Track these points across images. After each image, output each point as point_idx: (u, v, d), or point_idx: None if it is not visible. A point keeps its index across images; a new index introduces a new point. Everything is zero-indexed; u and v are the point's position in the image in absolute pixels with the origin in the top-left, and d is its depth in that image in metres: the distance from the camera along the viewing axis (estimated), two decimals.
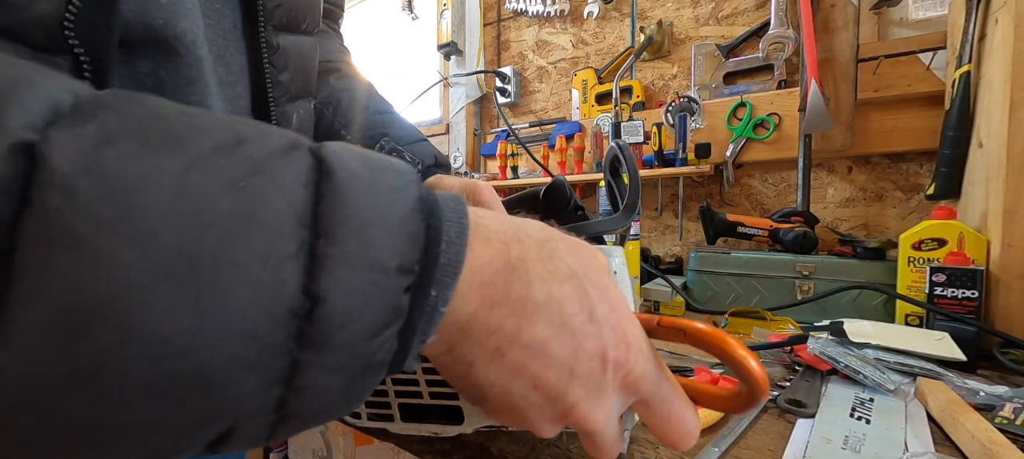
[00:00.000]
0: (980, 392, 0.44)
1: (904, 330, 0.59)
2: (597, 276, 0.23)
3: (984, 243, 0.63)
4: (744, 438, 0.39)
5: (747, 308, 0.77)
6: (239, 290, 0.14)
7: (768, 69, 1.09)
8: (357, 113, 0.52)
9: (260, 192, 0.15)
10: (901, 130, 0.93)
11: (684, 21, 1.22)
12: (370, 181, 0.17)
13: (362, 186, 0.17)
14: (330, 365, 0.16)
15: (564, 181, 0.43)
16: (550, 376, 0.21)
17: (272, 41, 0.35)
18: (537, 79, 1.49)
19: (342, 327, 0.16)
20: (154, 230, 0.13)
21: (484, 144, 1.57)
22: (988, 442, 0.34)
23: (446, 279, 0.18)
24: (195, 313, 0.14)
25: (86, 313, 0.12)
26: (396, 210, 0.17)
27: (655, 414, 0.24)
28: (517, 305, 0.20)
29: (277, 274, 0.15)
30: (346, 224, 0.16)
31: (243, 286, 0.14)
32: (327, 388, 0.17)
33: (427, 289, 0.18)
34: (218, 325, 0.14)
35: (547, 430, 0.23)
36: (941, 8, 0.87)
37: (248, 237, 0.14)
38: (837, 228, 1.03)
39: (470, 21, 1.58)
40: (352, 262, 0.16)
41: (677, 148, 1.08)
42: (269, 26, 0.35)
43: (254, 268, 0.14)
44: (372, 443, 0.59)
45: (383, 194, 0.17)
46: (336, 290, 0.16)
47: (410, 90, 1.70)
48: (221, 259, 0.14)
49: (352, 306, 0.16)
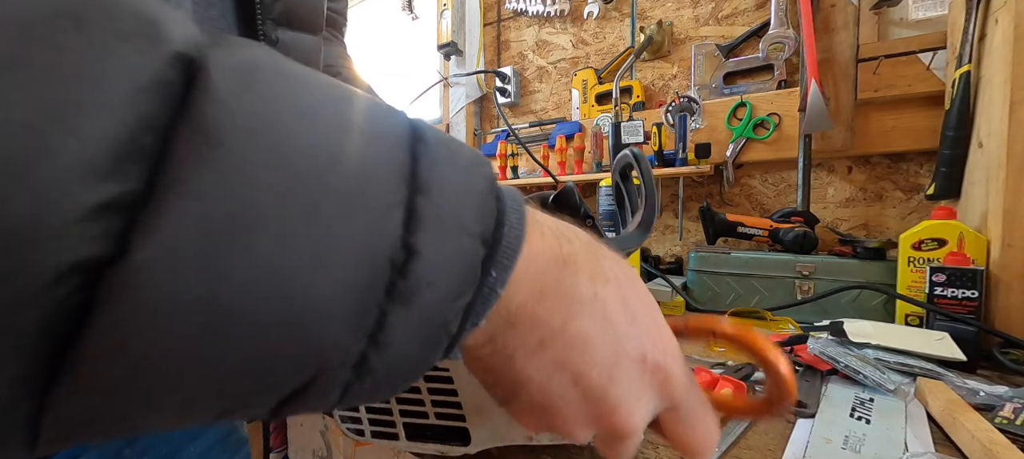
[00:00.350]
0: (980, 392, 0.44)
1: (904, 330, 0.59)
2: (636, 282, 0.23)
3: (984, 243, 0.63)
4: (744, 438, 0.39)
5: (747, 308, 0.77)
6: (357, 229, 0.15)
7: (768, 69, 1.09)
8: None
9: (382, 138, 0.16)
10: (901, 130, 0.93)
11: (684, 21, 1.22)
12: (454, 152, 0.18)
13: (449, 155, 0.18)
14: (413, 323, 0.16)
15: (573, 188, 0.43)
16: (592, 374, 0.21)
17: (271, 35, 0.35)
18: (537, 79, 1.49)
19: (430, 285, 0.16)
20: (286, 160, 0.14)
21: (484, 144, 1.57)
22: (988, 442, 0.34)
23: (506, 261, 0.18)
24: (315, 247, 0.14)
25: (219, 225, 0.12)
26: (478, 183, 0.18)
27: (683, 422, 0.24)
28: (565, 299, 0.20)
29: (387, 220, 0.15)
30: (441, 187, 0.17)
31: (361, 226, 0.15)
32: (405, 352, 0.17)
33: (488, 268, 0.18)
34: (334, 262, 0.14)
35: (580, 433, 0.22)
36: (941, 8, 0.87)
37: (369, 176, 0.15)
38: (837, 228, 1.03)
39: (470, 21, 1.58)
40: (446, 223, 0.16)
41: (677, 148, 1.08)
42: (268, 20, 0.35)
43: (374, 209, 0.15)
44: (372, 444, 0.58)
45: (466, 166, 0.18)
46: (430, 247, 0.16)
47: (410, 90, 1.70)
48: (343, 199, 0.14)
49: (442, 265, 0.16)
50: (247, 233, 0.13)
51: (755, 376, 0.51)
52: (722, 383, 0.45)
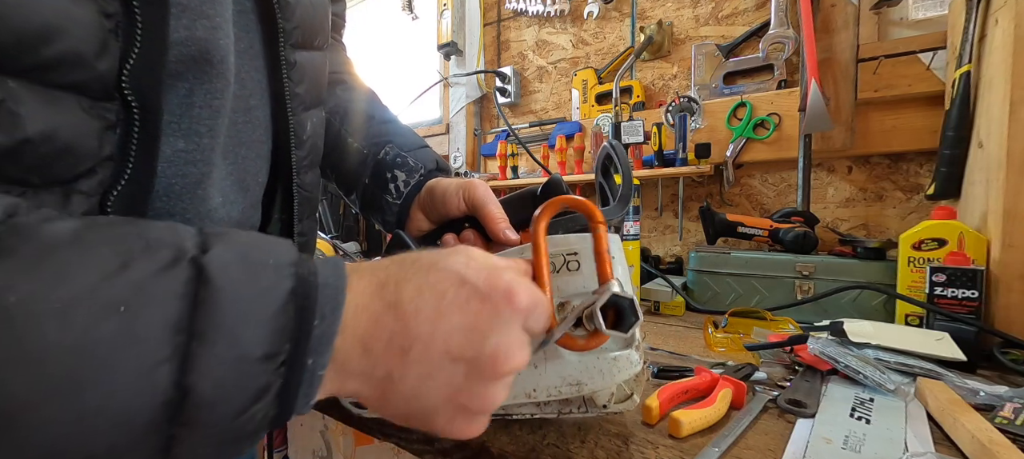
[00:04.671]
0: (980, 392, 0.44)
1: (904, 330, 0.59)
2: (453, 257, 0.25)
3: (984, 243, 0.63)
4: (744, 438, 0.39)
5: (747, 308, 0.77)
6: (121, 395, 0.17)
7: (768, 69, 1.09)
8: (362, 122, 0.55)
9: (138, 312, 0.18)
10: (901, 130, 0.93)
11: (684, 21, 1.22)
12: (246, 284, 0.20)
13: (236, 292, 0.20)
14: (200, 439, 0.20)
15: (560, 179, 0.43)
16: (456, 340, 0.23)
17: (290, 58, 0.39)
18: (537, 79, 1.49)
19: (211, 409, 0.19)
20: (42, 360, 0.16)
21: (484, 144, 1.57)
22: (988, 442, 0.34)
23: (321, 347, 0.22)
24: (81, 420, 0.17)
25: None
26: (268, 307, 0.21)
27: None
28: (395, 310, 0.23)
29: (153, 377, 0.18)
30: (218, 328, 0.19)
31: (124, 391, 0.17)
32: (202, 456, 0.20)
33: (304, 359, 0.21)
34: (102, 423, 0.17)
35: (497, 395, 0.25)
36: (941, 8, 0.87)
37: (128, 351, 0.18)
38: (837, 228, 1.03)
39: (470, 21, 1.58)
40: (221, 358, 0.19)
41: (677, 148, 1.08)
42: (288, 45, 0.38)
43: (133, 377, 0.18)
44: (372, 443, 0.59)
45: (256, 295, 0.21)
46: (203, 382, 0.19)
47: (410, 90, 1.70)
48: (104, 375, 0.17)
49: (218, 393, 0.19)
50: (11, 427, 0.16)
51: (755, 376, 0.51)
52: (722, 383, 0.45)
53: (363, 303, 0.23)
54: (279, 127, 0.40)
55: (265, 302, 0.21)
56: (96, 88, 0.25)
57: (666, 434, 0.39)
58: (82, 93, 0.25)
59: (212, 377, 0.19)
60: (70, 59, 0.24)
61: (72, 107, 0.24)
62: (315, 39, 0.43)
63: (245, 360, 0.20)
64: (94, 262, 0.18)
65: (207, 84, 0.31)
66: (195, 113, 0.31)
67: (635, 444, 0.38)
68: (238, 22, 0.34)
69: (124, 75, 0.26)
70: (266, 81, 0.38)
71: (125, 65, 0.26)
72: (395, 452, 0.54)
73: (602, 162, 0.46)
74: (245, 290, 0.20)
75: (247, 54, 0.36)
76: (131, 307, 0.18)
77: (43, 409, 0.16)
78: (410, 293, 0.23)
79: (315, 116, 0.45)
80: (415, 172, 0.50)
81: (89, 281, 0.18)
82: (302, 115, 0.42)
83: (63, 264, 0.18)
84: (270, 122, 0.40)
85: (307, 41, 0.41)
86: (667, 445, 0.38)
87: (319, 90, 0.46)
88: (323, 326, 0.21)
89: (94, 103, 0.26)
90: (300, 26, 0.39)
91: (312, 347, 0.21)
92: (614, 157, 0.44)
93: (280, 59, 0.38)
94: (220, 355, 0.19)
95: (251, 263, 0.21)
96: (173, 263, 0.19)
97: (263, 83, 0.38)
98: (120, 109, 0.27)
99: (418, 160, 0.51)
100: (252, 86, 0.37)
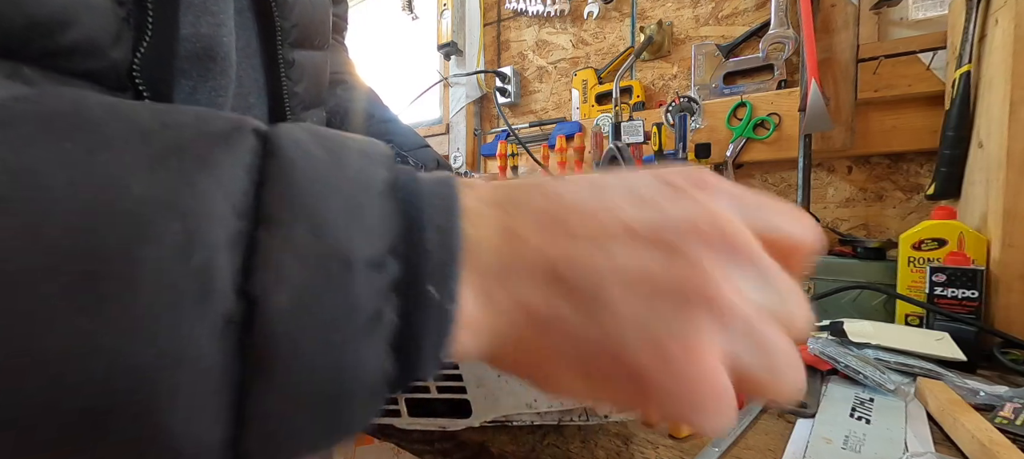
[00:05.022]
0: (980, 392, 0.44)
1: (904, 330, 0.59)
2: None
3: (984, 243, 0.63)
4: (744, 438, 0.39)
5: None
6: (157, 292, 0.11)
7: (768, 69, 1.09)
8: (362, 122, 0.55)
9: (184, 174, 0.12)
10: (901, 130, 0.93)
11: (684, 21, 1.22)
12: (327, 164, 0.14)
13: (317, 168, 0.14)
14: (287, 392, 0.13)
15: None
16: (634, 213, 0.15)
17: (288, 57, 0.38)
18: (537, 79, 1.49)
19: (291, 340, 0.12)
20: (38, 224, 0.11)
21: (484, 144, 1.57)
22: (988, 442, 0.34)
23: (447, 268, 0.15)
24: (101, 324, 0.11)
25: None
26: (360, 194, 0.14)
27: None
28: (545, 216, 0.16)
29: (204, 270, 0.12)
30: (293, 209, 0.13)
31: (160, 287, 0.11)
32: (291, 424, 0.13)
33: (421, 283, 0.14)
34: (133, 339, 0.11)
35: (712, 347, 0.15)
36: (941, 8, 0.87)
37: (165, 225, 0.12)
38: (837, 228, 1.03)
39: (470, 21, 1.58)
40: (301, 253, 0.13)
41: (677, 148, 1.08)
42: (286, 44, 0.38)
43: (173, 264, 0.11)
44: (372, 443, 0.58)
45: (343, 179, 0.14)
46: (279, 289, 0.12)
47: (410, 90, 1.70)
48: (131, 253, 0.11)
49: (300, 313, 0.13)
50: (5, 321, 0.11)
51: None
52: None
53: (480, 209, 0.16)
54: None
55: (355, 189, 0.14)
56: (110, 77, 0.25)
57: (666, 434, 0.39)
58: (96, 82, 0.24)
59: (289, 282, 0.12)
60: (85, 47, 0.23)
61: None
62: (314, 38, 0.42)
63: (334, 258, 0.13)
64: (127, 118, 0.13)
65: (211, 81, 0.31)
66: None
67: (635, 444, 0.38)
68: (235, 19, 0.35)
69: (136, 65, 0.26)
70: (264, 79, 0.38)
71: (136, 55, 0.26)
72: (395, 452, 0.54)
73: (607, 163, 0.46)
74: (326, 170, 0.14)
75: (244, 52, 0.36)
76: (171, 166, 0.12)
77: (48, 299, 0.11)
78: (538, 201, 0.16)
79: (315, 115, 0.45)
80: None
81: (118, 131, 0.13)
82: (301, 114, 0.42)
83: (87, 114, 0.13)
84: (268, 121, 0.40)
85: (306, 40, 0.41)
86: (667, 445, 0.38)
87: (319, 89, 0.46)
88: (442, 237, 0.15)
89: (107, 93, 0.25)
90: (298, 25, 0.39)
91: (433, 254, 0.14)
92: (619, 159, 0.44)
93: (278, 57, 0.38)
94: (298, 246, 0.13)
95: (331, 139, 0.15)
96: (232, 130, 0.14)
97: (260, 81, 0.38)
98: (132, 100, 0.27)
99: (418, 159, 0.51)
100: (250, 84, 0.37)
